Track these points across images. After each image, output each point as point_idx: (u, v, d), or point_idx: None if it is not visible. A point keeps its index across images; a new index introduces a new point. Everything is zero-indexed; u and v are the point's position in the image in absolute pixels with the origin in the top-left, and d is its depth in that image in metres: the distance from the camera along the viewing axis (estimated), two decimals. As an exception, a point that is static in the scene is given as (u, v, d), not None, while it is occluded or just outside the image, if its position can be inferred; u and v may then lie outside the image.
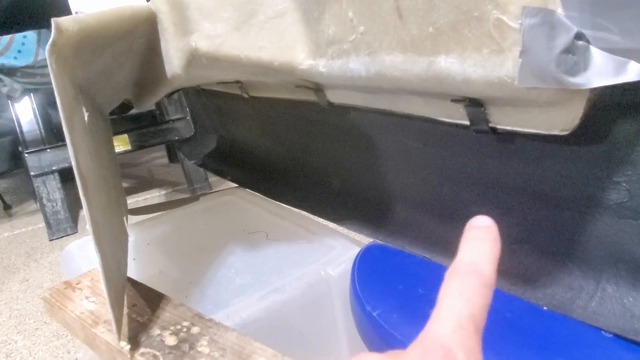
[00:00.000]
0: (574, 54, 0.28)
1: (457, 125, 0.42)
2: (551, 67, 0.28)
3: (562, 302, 0.40)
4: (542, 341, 0.37)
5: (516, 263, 0.44)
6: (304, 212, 0.78)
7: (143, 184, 2.09)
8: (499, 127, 0.38)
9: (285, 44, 0.50)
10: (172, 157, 2.35)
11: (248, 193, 0.92)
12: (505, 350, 0.36)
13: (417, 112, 0.45)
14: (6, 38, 1.61)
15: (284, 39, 0.50)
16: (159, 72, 0.59)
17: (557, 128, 0.34)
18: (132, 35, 0.53)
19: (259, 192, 0.89)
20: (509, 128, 0.37)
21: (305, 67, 0.51)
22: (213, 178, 1.96)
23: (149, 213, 0.92)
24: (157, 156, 2.47)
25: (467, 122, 0.40)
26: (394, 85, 0.42)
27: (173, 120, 1.84)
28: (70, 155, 0.38)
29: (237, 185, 0.99)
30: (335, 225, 0.72)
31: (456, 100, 0.38)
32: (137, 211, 0.98)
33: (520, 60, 0.29)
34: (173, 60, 0.51)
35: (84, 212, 0.39)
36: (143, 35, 0.54)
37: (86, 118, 0.50)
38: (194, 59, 0.51)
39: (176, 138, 1.82)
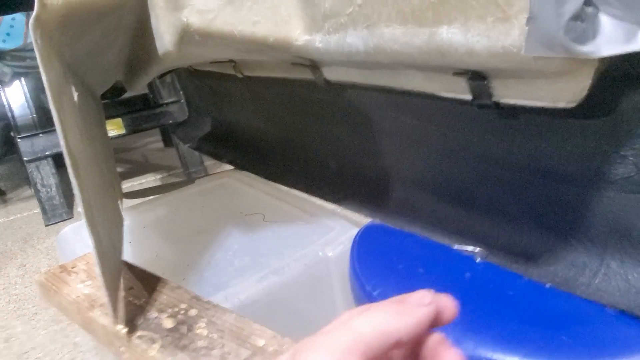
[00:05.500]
0: (583, 20, 0.27)
1: (458, 101, 0.41)
2: (559, 35, 0.27)
3: (565, 280, 0.39)
4: (544, 319, 0.36)
5: (518, 240, 0.43)
6: (301, 193, 0.77)
7: (138, 169, 2.07)
8: (502, 101, 0.37)
9: (280, 19, 0.49)
10: (167, 142, 2.33)
11: (244, 175, 0.91)
12: (508, 328, 0.35)
13: (417, 88, 0.44)
14: (-6, 20, 1.57)
15: (279, 13, 0.49)
16: (150, 50, 0.57)
17: (563, 100, 0.32)
18: (121, 11, 0.51)
19: (255, 174, 0.88)
20: (512, 102, 0.36)
21: (301, 43, 0.49)
22: (209, 162, 1.94)
23: (144, 196, 0.91)
24: (152, 140, 2.44)
25: (469, 97, 0.39)
26: (394, 60, 0.40)
27: (167, 104, 1.81)
28: (58, 134, 0.36)
29: (233, 167, 0.98)
30: (333, 206, 0.71)
31: (458, 73, 0.37)
32: (132, 195, 0.97)
33: (527, 27, 0.28)
34: (164, 37, 0.49)
35: (75, 193, 0.37)
36: (132, 11, 0.52)
37: (75, 98, 0.49)
38: (186, 35, 0.49)
39: (170, 122, 1.80)
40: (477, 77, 0.36)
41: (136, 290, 0.50)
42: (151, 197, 0.89)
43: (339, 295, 0.59)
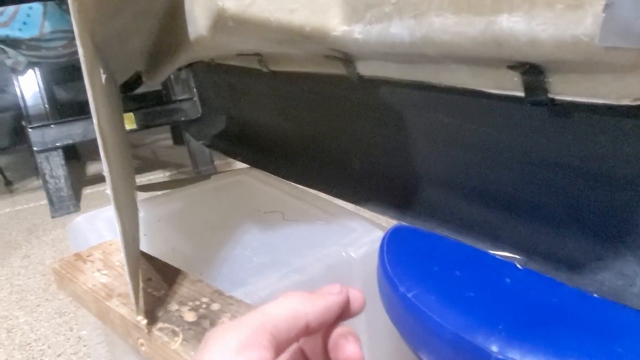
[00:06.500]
0: (665, 10, 0.25)
1: (506, 98, 0.39)
2: (638, 24, 0.25)
3: (613, 289, 0.37)
4: (595, 329, 0.34)
5: (561, 247, 0.41)
6: (320, 193, 0.76)
7: (147, 165, 2.06)
8: (558, 97, 0.35)
9: (318, 7, 0.47)
10: (177, 139, 2.32)
11: (261, 173, 0.89)
12: (558, 338, 0.33)
13: (461, 84, 0.42)
14: (11, 9, 1.57)
15: (317, 1, 0.47)
16: (179, 37, 0.56)
17: (629, 97, 0.31)
18: (154, -6, 0.50)
19: (272, 173, 0.87)
20: (569, 99, 0.34)
21: (338, 34, 0.48)
22: (218, 161, 1.93)
23: (158, 190, 0.89)
24: (162, 137, 2.43)
25: (520, 94, 0.37)
26: (442, 51, 0.39)
27: (180, 101, 1.80)
28: (92, 112, 0.35)
29: (248, 166, 0.96)
30: (353, 207, 0.69)
31: (513, 66, 0.35)
32: (145, 188, 0.95)
33: (604, 15, 0.26)
34: (198, 20, 0.48)
35: (104, 172, 0.36)
36: (166, -5, 0.51)
37: (103, 80, 0.47)
38: (220, 20, 0.47)
39: (182, 119, 1.79)
40: (534, 71, 0.34)
41: (155, 282, 0.48)
42: (165, 190, 0.87)
43: (361, 298, 0.57)
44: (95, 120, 0.35)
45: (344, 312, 0.24)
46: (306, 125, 0.80)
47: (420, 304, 0.39)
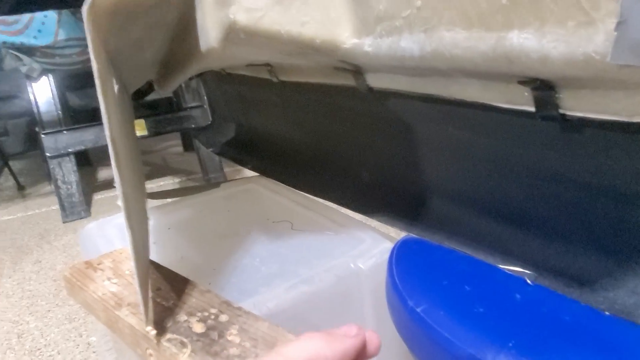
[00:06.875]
0: (679, 28, 0.25)
1: (517, 112, 0.39)
2: (651, 42, 0.25)
3: (626, 307, 0.36)
4: (606, 347, 0.34)
5: (571, 263, 0.41)
6: (329, 203, 0.76)
7: (157, 171, 2.08)
8: (569, 113, 0.35)
9: (329, 20, 0.47)
10: (187, 146, 2.34)
11: (270, 182, 0.89)
12: (567, 357, 0.33)
13: (471, 98, 0.42)
14: (26, 17, 1.59)
15: (328, 14, 0.47)
16: (191, 48, 0.56)
17: (642, 114, 0.30)
18: (167, 6, 0.50)
19: (281, 182, 0.87)
20: (581, 115, 0.34)
21: (348, 47, 0.48)
22: (228, 168, 1.94)
23: (167, 198, 0.90)
24: (172, 144, 2.45)
25: (531, 108, 0.37)
26: (452, 66, 0.39)
27: (190, 108, 1.82)
28: (104, 122, 0.35)
29: (257, 174, 0.97)
30: (362, 217, 0.69)
31: (524, 82, 0.35)
32: (154, 195, 0.96)
33: (616, 33, 0.26)
34: (209, 33, 0.48)
35: (116, 185, 0.36)
36: (177, 7, 0.51)
37: (116, 90, 0.48)
38: (232, 32, 0.48)
39: (192, 126, 1.81)
40: (544, 87, 0.34)
41: (164, 292, 0.48)
42: (175, 198, 0.88)
43: (370, 309, 0.57)
44: (107, 132, 0.36)
45: (360, 355, 0.25)
46: (315, 135, 0.80)
47: (429, 319, 0.38)
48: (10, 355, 0.93)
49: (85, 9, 0.35)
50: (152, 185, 1.88)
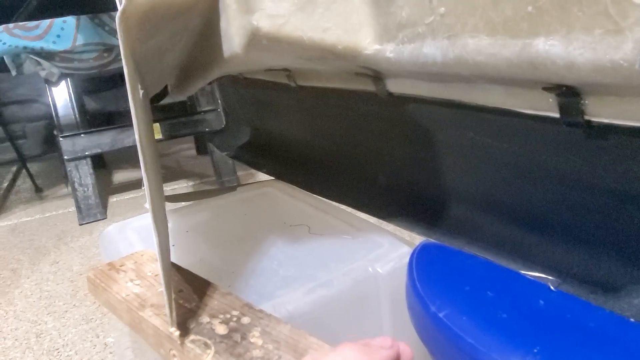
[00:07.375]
0: None
1: (540, 118, 0.39)
2: (680, 50, 0.25)
3: (651, 315, 0.36)
4: (630, 354, 0.34)
5: (596, 270, 0.41)
6: (345, 207, 0.76)
7: (171, 175, 2.10)
8: (594, 119, 0.35)
9: (351, 27, 0.48)
10: (200, 149, 2.35)
11: (286, 185, 0.90)
12: (593, 363, 0.33)
13: (494, 103, 0.43)
14: (46, 22, 1.63)
15: (350, 21, 0.48)
16: (213, 53, 0.57)
17: (670, 121, 0.30)
18: (191, 13, 0.51)
19: (297, 185, 0.87)
20: (606, 121, 0.34)
21: (370, 52, 0.49)
22: (241, 172, 1.95)
23: (185, 201, 0.91)
24: (185, 148, 2.47)
25: (555, 115, 0.37)
26: (475, 72, 0.39)
27: (204, 112, 1.83)
28: (134, 126, 0.36)
29: (272, 177, 0.98)
30: (379, 221, 0.69)
31: (548, 88, 0.35)
32: (172, 198, 0.97)
33: (645, 41, 0.26)
34: (233, 39, 0.49)
35: (144, 187, 0.37)
36: (202, 13, 0.52)
37: (141, 95, 0.49)
38: (255, 38, 0.49)
39: (207, 129, 1.82)
40: (570, 93, 0.34)
41: (186, 294, 0.49)
42: (192, 201, 0.89)
43: (387, 313, 0.57)
44: (137, 137, 0.37)
45: None
46: (333, 139, 0.81)
47: (452, 324, 0.38)
48: (29, 354, 0.95)
49: (118, 15, 0.36)
50: (166, 189, 1.90)
